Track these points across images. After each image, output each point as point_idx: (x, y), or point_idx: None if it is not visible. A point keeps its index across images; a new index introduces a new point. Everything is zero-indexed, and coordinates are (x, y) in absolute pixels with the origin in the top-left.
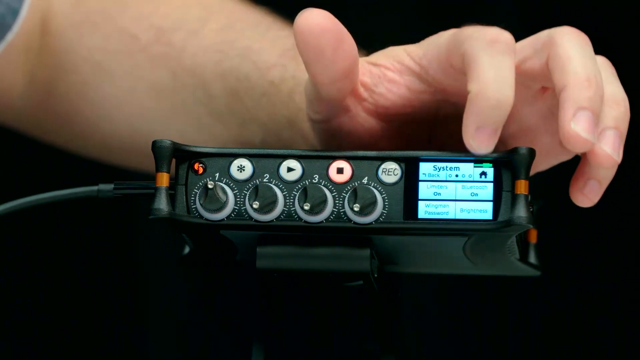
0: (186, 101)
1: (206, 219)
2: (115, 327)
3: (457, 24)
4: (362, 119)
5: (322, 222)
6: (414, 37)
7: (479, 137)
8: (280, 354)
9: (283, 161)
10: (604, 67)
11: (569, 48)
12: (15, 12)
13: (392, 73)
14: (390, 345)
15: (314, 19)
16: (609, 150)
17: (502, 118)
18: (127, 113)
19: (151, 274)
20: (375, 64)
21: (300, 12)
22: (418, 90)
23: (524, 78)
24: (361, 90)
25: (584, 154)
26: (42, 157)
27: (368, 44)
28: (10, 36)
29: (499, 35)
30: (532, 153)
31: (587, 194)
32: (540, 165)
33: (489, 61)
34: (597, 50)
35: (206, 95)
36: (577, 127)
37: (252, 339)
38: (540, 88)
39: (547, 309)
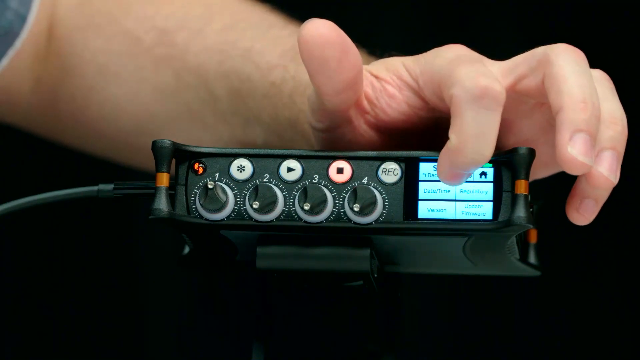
0: (190, 102)
1: (206, 219)
2: (115, 327)
3: (459, 26)
4: (363, 131)
5: (322, 222)
6: (414, 37)
7: (451, 177)
8: (280, 354)
9: (283, 161)
10: (602, 82)
11: (564, 67)
12: (23, 19)
13: (392, 88)
14: (390, 345)
15: (319, 29)
16: (606, 172)
17: (475, 169)
18: (132, 114)
19: (151, 274)
20: (376, 77)
21: (305, 22)
22: (417, 107)
23: (520, 96)
24: (364, 102)
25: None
26: (42, 157)
27: (369, 44)
28: (18, 43)
29: (488, 89)
30: (532, 153)
31: (582, 213)
32: (539, 174)
33: (473, 117)
34: (595, 55)
35: (209, 96)
36: (573, 150)
37: (252, 339)
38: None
39: (547, 309)
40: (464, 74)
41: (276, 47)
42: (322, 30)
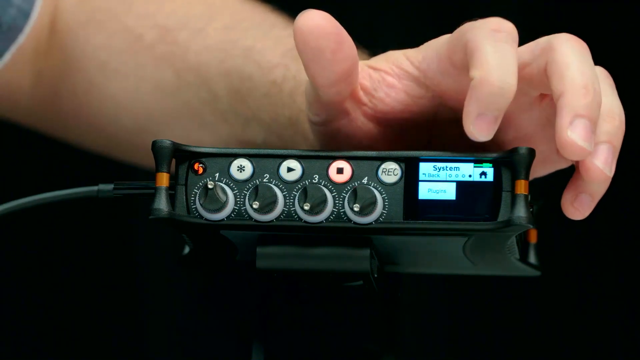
0: (190, 100)
1: (206, 219)
2: (115, 327)
3: (458, 25)
4: (361, 123)
5: (322, 222)
6: (414, 37)
7: (479, 124)
8: (280, 354)
9: (283, 161)
10: (602, 78)
11: (568, 54)
12: (26, 15)
13: (391, 78)
14: (390, 345)
15: (314, 20)
16: (601, 165)
17: (503, 106)
18: (132, 111)
19: (151, 274)
20: (375, 68)
21: (301, 13)
22: (416, 96)
23: (522, 84)
24: (361, 94)
25: (577, 168)
26: (42, 157)
27: (369, 44)
28: (21, 38)
29: (502, 25)
30: (532, 153)
31: (577, 207)
32: (538, 172)
33: (492, 49)
34: (596, 56)
35: (210, 95)
36: (573, 134)
37: (252, 339)
38: (538, 95)
39: (547, 309)
40: (472, 23)
41: (278, 47)
42: (317, 20)
